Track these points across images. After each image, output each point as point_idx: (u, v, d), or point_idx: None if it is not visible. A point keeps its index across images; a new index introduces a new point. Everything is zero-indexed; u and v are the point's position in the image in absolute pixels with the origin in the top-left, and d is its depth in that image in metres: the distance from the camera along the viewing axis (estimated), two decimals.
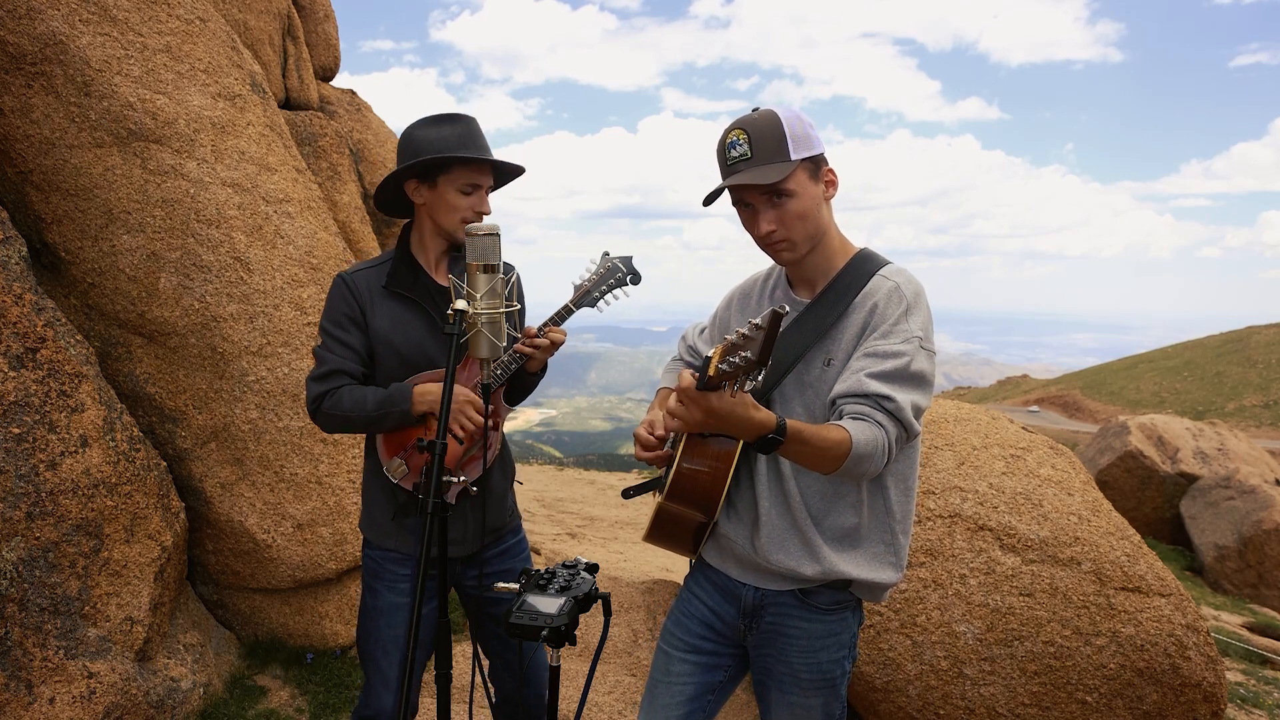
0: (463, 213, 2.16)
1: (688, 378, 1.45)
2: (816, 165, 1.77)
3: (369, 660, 2.28)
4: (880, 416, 1.63)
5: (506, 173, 2.30)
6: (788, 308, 1.28)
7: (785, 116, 1.73)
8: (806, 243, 1.78)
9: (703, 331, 2.22)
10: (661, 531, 2.02)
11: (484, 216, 2.18)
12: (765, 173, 1.70)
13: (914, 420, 1.66)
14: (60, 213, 3.40)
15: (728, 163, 1.76)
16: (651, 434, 1.94)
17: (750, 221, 1.80)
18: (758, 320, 1.28)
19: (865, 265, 1.82)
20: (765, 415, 1.49)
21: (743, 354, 1.28)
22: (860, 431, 1.59)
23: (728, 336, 1.35)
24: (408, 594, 2.25)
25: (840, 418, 1.66)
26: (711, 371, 1.35)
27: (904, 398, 1.64)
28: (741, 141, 1.73)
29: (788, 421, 1.52)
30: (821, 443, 1.56)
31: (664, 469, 2.08)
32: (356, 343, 2.18)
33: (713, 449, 1.82)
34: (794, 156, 1.71)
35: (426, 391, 2.12)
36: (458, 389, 2.12)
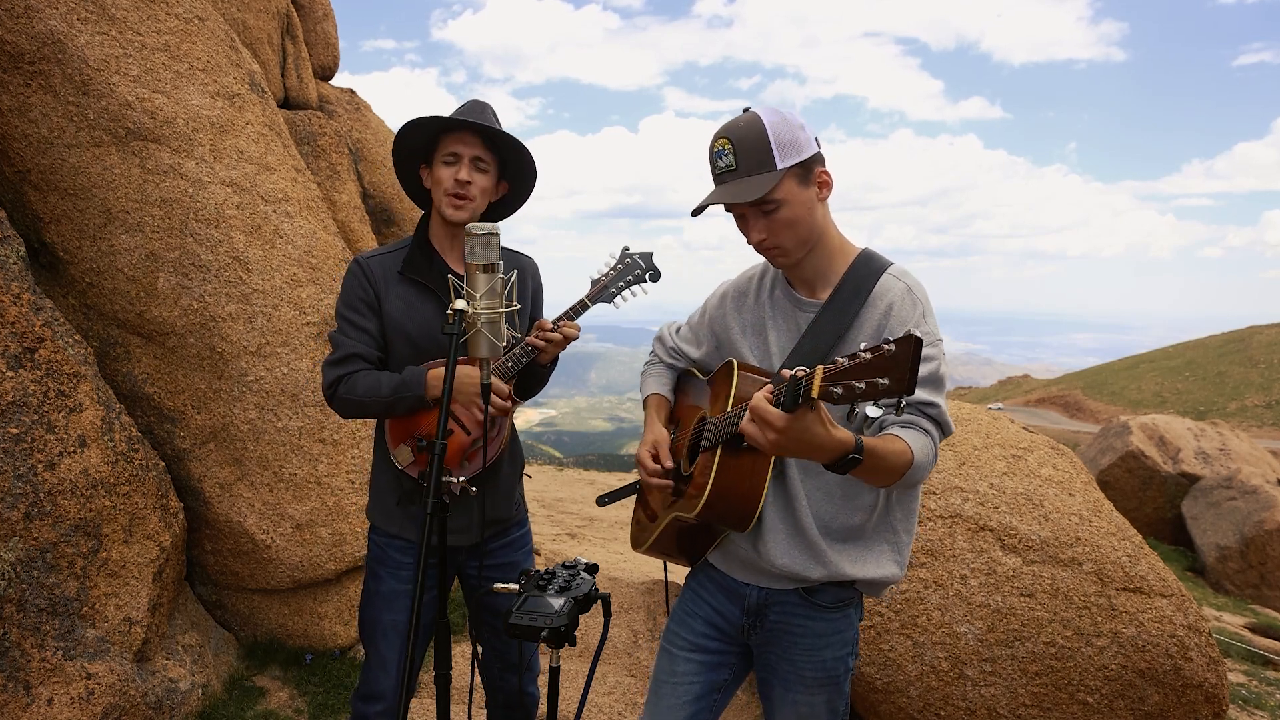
0: (445, 184, 2.15)
1: (765, 401, 1.41)
2: (808, 169, 1.73)
3: (369, 644, 2.30)
4: (926, 423, 1.66)
5: (513, 154, 2.25)
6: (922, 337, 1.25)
7: (770, 122, 1.69)
8: (799, 248, 1.78)
9: (679, 330, 2.19)
10: (670, 545, 1.99)
11: (467, 186, 2.15)
12: (749, 188, 1.68)
13: (950, 421, 1.70)
14: (58, 212, 3.39)
15: (715, 173, 1.75)
16: (657, 461, 1.95)
17: (743, 229, 1.80)
18: (888, 345, 1.23)
19: (871, 265, 1.82)
20: (844, 434, 1.46)
21: (878, 380, 1.23)
22: (915, 440, 1.61)
23: (838, 359, 1.30)
24: (409, 581, 2.26)
25: (881, 428, 1.66)
26: (815, 393, 1.31)
27: (941, 401, 1.68)
28: (727, 152, 1.71)
29: (864, 440, 1.49)
30: (890, 456, 1.55)
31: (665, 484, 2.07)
32: (372, 327, 2.19)
33: (748, 463, 1.76)
34: (780, 165, 1.69)
35: (440, 376, 2.12)
36: (469, 375, 2.11)
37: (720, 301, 2.07)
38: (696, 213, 1.80)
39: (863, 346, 1.28)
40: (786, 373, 1.41)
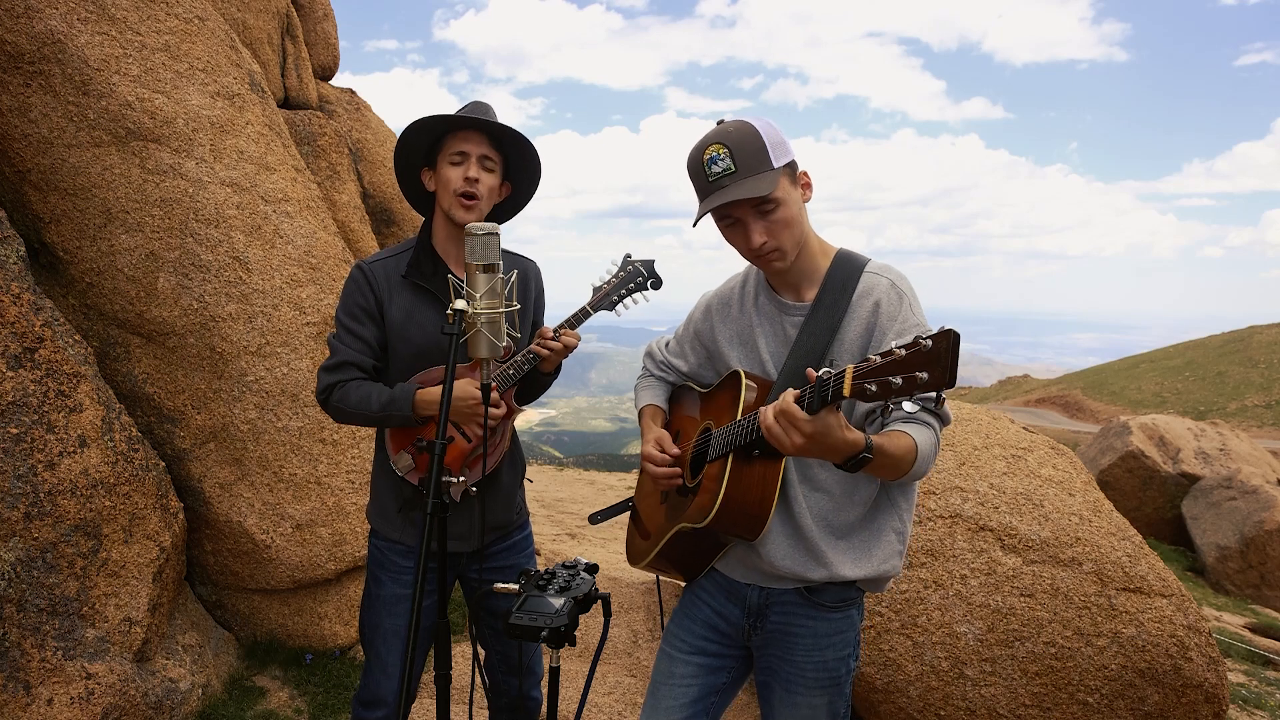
0: (454, 184, 2.14)
1: (793, 404, 1.44)
2: (793, 170, 1.76)
3: (370, 648, 2.30)
4: (928, 417, 1.68)
5: (518, 152, 2.25)
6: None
7: (760, 125, 1.71)
8: (794, 249, 1.78)
9: (667, 345, 2.20)
10: (673, 558, 1.98)
11: (475, 184, 2.15)
12: (755, 184, 1.67)
13: (950, 413, 1.72)
14: (58, 212, 3.39)
15: (709, 179, 1.71)
16: (663, 450, 1.93)
17: (738, 235, 1.77)
18: (924, 341, 1.24)
19: (851, 263, 1.83)
20: (856, 435, 1.50)
21: (918, 375, 1.25)
22: (919, 434, 1.64)
23: (871, 357, 1.32)
24: (410, 586, 2.25)
25: (882, 426, 1.68)
26: (847, 392, 1.33)
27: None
28: (722, 156, 1.69)
29: (873, 438, 1.53)
30: (897, 452, 1.58)
31: (660, 493, 2.06)
32: (369, 335, 2.19)
33: (759, 471, 1.75)
34: (776, 164, 1.70)
35: (429, 396, 2.11)
36: (467, 387, 2.11)
37: (705, 314, 2.06)
38: (696, 222, 1.80)
39: (896, 344, 1.29)
40: (812, 374, 1.43)
